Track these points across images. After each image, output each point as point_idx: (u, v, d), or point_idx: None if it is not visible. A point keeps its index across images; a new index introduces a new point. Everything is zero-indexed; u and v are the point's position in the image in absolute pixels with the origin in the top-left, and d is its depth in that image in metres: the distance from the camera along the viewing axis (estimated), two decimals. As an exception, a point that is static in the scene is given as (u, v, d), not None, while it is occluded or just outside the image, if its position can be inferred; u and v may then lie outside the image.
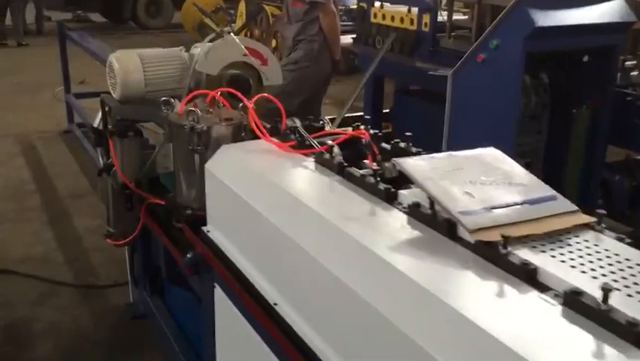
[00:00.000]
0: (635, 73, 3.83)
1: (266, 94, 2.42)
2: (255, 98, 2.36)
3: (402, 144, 2.06)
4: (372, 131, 2.12)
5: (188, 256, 2.17)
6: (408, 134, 2.04)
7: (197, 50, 2.80)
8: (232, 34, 2.75)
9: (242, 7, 11.21)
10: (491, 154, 1.70)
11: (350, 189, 1.76)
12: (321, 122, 2.42)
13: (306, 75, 4.70)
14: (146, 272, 3.16)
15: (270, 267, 1.78)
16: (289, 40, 4.81)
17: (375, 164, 1.89)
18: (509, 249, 1.29)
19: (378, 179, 1.72)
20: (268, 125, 2.24)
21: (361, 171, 1.80)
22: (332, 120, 3.14)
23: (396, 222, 1.54)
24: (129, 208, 2.65)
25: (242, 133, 2.28)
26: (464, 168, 1.62)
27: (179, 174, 2.36)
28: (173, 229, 2.45)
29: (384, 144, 2.09)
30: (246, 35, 11.21)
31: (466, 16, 4.82)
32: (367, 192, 1.71)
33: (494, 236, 1.31)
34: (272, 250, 1.76)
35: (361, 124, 2.15)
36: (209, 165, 2.17)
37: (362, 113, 5.07)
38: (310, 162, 1.98)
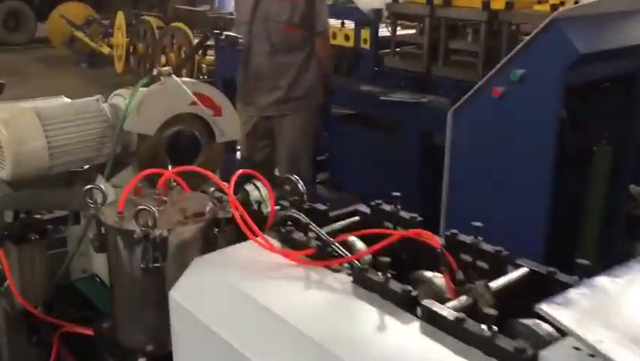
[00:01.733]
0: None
1: (246, 169, 1.69)
2: (241, 172, 1.65)
3: (486, 246, 1.41)
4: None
5: None
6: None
7: (121, 99, 2.01)
8: (173, 75, 1.98)
9: (120, 18, 10.17)
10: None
11: (435, 340, 1.11)
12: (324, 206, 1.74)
13: (318, 113, 3.90)
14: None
15: None
16: (278, 75, 3.87)
17: (449, 283, 1.25)
18: None
19: (494, 329, 1.07)
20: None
21: (453, 313, 1.13)
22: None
23: None
24: (35, 342, 1.81)
25: (214, 230, 1.55)
26: None
27: (121, 301, 1.58)
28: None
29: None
30: (128, 51, 10.18)
31: (413, 30, 4.29)
32: (477, 349, 1.06)
33: None
34: None
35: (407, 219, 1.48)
36: (177, 294, 1.43)
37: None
38: (340, 280, 1.32)
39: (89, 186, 1.57)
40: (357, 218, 1.73)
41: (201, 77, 9.39)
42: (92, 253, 2.00)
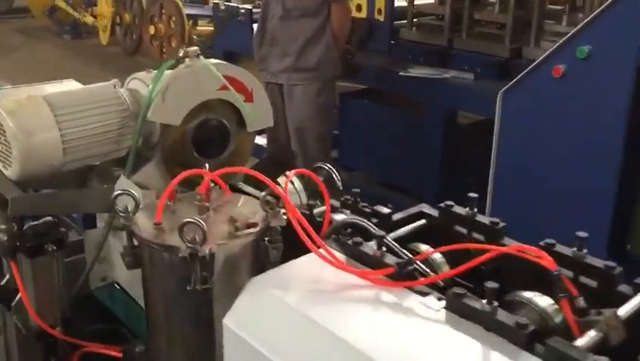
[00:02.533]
0: None
1: (302, 169, 1.49)
2: (294, 172, 1.45)
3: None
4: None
5: None
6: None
7: (141, 84, 1.78)
8: (200, 55, 1.74)
9: (106, -15, 9.74)
10: None
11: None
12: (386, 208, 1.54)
13: (330, 87, 3.66)
14: None
15: None
16: (288, 41, 3.64)
17: (570, 315, 1.06)
18: None
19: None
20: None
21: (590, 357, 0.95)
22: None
23: None
24: (52, 365, 1.61)
25: (264, 240, 1.36)
26: None
27: (159, 325, 1.38)
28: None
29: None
30: (113, 22, 9.79)
31: (432, 0, 4.05)
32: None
33: None
34: None
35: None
36: (231, 321, 1.24)
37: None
38: (430, 306, 1.13)
39: (119, 192, 1.35)
40: (423, 222, 1.53)
41: (192, 49, 9.09)
42: (113, 259, 1.79)
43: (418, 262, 1.23)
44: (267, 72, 3.66)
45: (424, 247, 1.40)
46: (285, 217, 1.35)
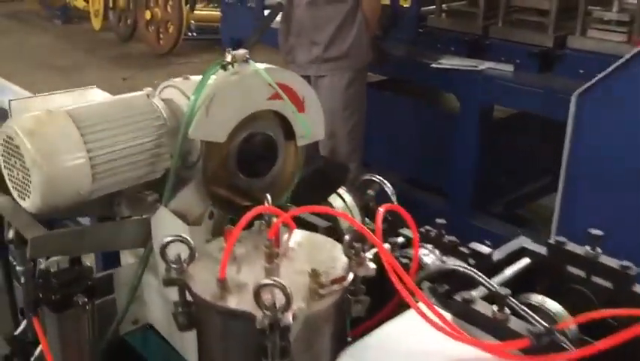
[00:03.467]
0: None
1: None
2: (385, 208, 1.22)
3: None
4: None
5: None
6: None
7: (177, 93, 1.53)
8: (250, 59, 1.50)
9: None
10: None
11: None
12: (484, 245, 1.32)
13: (361, 77, 3.40)
14: None
15: None
16: (317, 29, 3.37)
17: None
18: None
19: None
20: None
21: None
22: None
23: None
24: None
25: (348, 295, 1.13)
26: None
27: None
28: None
29: None
30: (106, 5, 9.42)
31: (463, -15, 3.79)
32: None
33: None
34: None
35: None
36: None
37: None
38: None
39: (170, 239, 1.10)
40: (527, 261, 1.30)
41: (190, 34, 8.80)
42: (146, 298, 1.55)
43: (557, 332, 1.00)
44: (295, 64, 3.41)
45: (538, 298, 1.17)
46: (372, 266, 1.11)
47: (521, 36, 3.39)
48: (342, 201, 1.90)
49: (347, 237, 1.11)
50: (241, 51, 1.49)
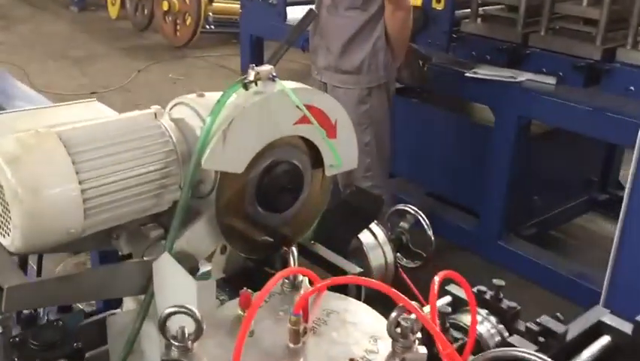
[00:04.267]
0: None
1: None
2: (441, 277, 1.01)
3: None
4: None
5: None
6: None
7: (189, 112, 1.32)
8: (276, 77, 1.28)
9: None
10: None
11: None
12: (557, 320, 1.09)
13: (378, 94, 3.13)
14: None
15: None
16: (333, 36, 3.10)
17: None
18: None
19: None
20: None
21: None
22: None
23: None
24: None
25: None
26: None
27: None
28: None
29: None
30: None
31: (501, -12, 3.54)
32: None
33: None
34: None
35: None
36: None
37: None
38: None
39: (171, 310, 0.89)
40: (607, 340, 1.07)
41: (208, 27, 8.57)
42: (144, 350, 1.34)
43: None
44: (315, 66, 3.18)
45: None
46: (423, 351, 0.89)
47: (565, 46, 3.14)
48: (372, 236, 1.68)
49: (394, 314, 0.89)
50: (266, 67, 1.27)
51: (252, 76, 1.25)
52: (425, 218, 1.82)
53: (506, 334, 1.08)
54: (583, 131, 2.96)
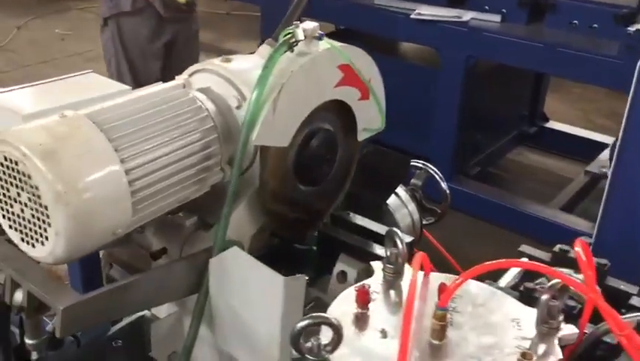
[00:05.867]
0: None
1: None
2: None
3: None
4: None
5: None
6: None
7: (224, 83, 1.17)
8: (323, 35, 1.16)
9: None
10: None
11: None
12: None
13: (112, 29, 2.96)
14: None
15: None
16: None
17: None
18: None
19: None
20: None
21: None
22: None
23: None
24: None
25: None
26: None
27: None
28: None
29: None
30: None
31: None
32: None
33: None
34: None
35: None
36: None
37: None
38: None
39: (305, 322, 0.78)
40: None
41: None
42: (196, 355, 1.21)
43: None
44: None
45: None
46: (574, 329, 0.85)
47: (507, -17, 3.14)
48: (395, 196, 1.61)
49: (545, 297, 0.83)
50: (312, 24, 1.14)
51: (300, 35, 1.11)
52: (438, 172, 1.78)
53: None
54: (532, 67, 3.00)
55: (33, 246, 0.98)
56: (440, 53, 3.24)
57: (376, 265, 0.97)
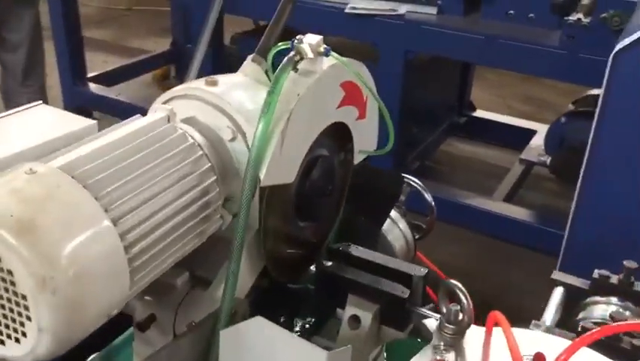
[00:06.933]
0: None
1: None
2: None
3: None
4: None
5: None
6: None
7: (211, 112, 0.99)
8: (329, 50, 1.00)
9: None
10: None
11: None
12: None
13: None
14: None
15: None
16: None
17: None
18: None
19: None
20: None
21: None
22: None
23: None
24: None
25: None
26: None
27: None
28: None
29: None
30: None
31: None
32: None
33: None
34: None
35: None
36: None
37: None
38: None
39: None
40: None
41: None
42: None
43: None
44: None
45: None
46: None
47: (440, -28, 3.06)
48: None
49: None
50: (316, 37, 0.97)
51: (309, 52, 0.94)
52: (421, 184, 1.65)
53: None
54: (472, 60, 2.93)
55: (2, 343, 0.76)
56: (378, 48, 3.12)
57: (430, 324, 0.82)
